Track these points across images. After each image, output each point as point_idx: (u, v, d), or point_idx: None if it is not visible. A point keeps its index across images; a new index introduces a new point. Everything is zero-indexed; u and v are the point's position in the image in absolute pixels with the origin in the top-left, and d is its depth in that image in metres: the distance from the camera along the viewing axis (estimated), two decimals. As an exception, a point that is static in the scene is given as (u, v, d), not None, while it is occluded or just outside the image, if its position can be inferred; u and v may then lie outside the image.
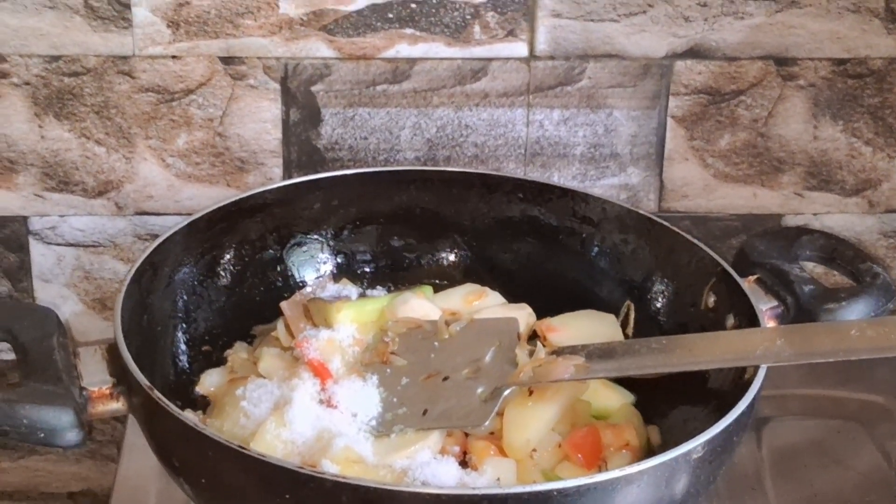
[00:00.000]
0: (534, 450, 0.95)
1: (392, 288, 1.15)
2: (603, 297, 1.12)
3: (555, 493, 0.80)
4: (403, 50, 1.23)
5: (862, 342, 0.90)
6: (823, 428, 1.21)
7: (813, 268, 1.09)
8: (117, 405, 0.91)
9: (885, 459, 1.16)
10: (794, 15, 1.24)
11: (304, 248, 1.14)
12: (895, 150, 1.30)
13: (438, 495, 0.81)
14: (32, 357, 0.91)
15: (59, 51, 1.20)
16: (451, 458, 0.93)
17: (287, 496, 0.81)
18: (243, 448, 0.83)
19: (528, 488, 0.81)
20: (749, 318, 0.99)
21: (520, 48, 1.24)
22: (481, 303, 1.10)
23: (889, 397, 1.23)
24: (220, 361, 1.06)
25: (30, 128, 1.22)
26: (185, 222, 1.06)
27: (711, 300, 1.04)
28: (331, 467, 0.88)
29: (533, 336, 1.08)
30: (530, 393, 0.98)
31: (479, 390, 0.98)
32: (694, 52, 1.25)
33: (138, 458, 1.11)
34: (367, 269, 1.16)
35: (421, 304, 1.07)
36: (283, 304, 1.09)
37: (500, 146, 1.27)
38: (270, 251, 1.13)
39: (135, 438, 1.11)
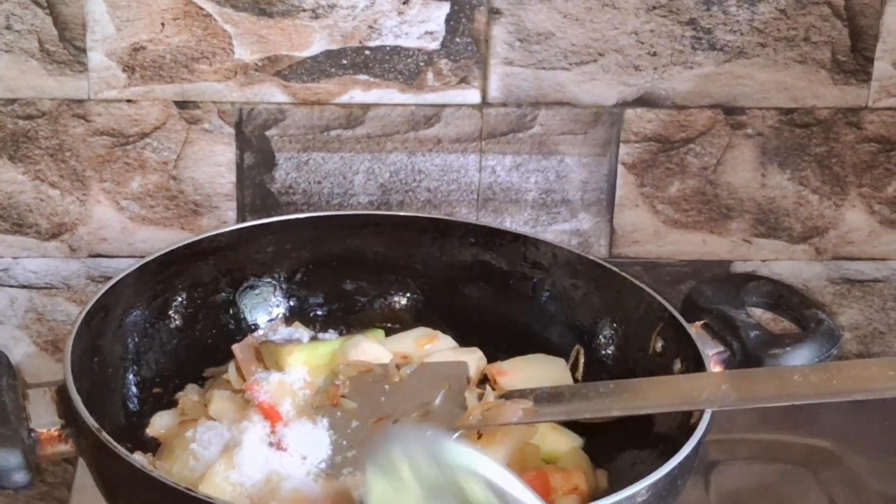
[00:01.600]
0: (482, 492, 0.96)
1: (344, 331, 1.15)
2: (553, 342, 1.12)
3: (501, 535, 0.80)
4: (357, 96, 1.24)
5: (805, 387, 0.91)
6: (771, 472, 1.21)
7: (761, 314, 1.10)
8: (66, 447, 0.91)
9: (831, 504, 1.17)
10: (742, 65, 1.25)
11: (257, 291, 1.14)
12: (841, 198, 1.31)
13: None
14: (-20, 399, 0.90)
15: (14, 94, 1.20)
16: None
17: (234, 538, 0.82)
18: (191, 490, 0.83)
19: (473, 531, 0.82)
20: (696, 363, 0.99)
21: (472, 95, 1.25)
22: (433, 346, 1.10)
23: (836, 442, 1.24)
24: (170, 404, 1.06)
25: (-16, 170, 1.23)
26: (138, 265, 1.06)
27: (659, 345, 1.05)
28: (278, 511, 0.88)
29: (484, 380, 1.08)
30: (479, 436, 0.98)
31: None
32: (644, 101, 1.26)
33: (89, 500, 1.09)
34: (320, 313, 1.16)
35: (372, 348, 1.07)
36: (235, 347, 1.09)
37: (453, 191, 1.28)
38: (223, 294, 1.13)
39: (85, 480, 1.09)
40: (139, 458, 0.93)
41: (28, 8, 1.17)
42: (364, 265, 1.17)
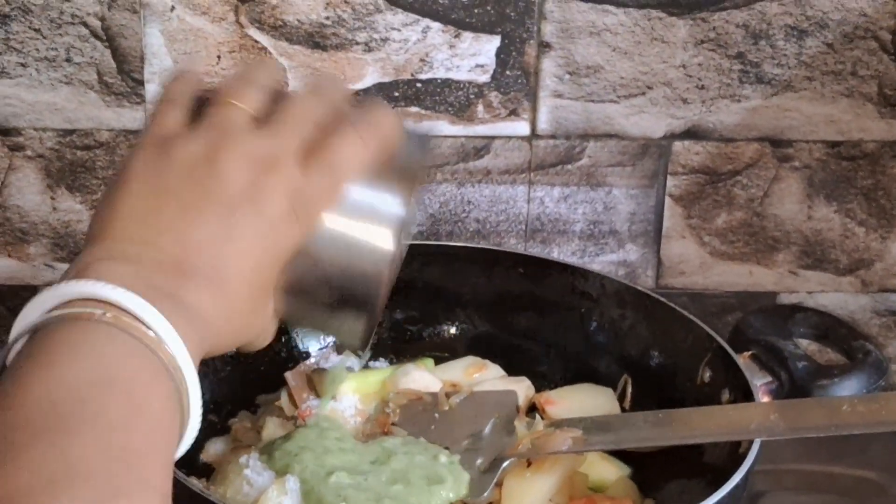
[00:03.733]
0: (532, 520, 0.96)
1: (394, 360, 1.15)
2: (601, 371, 1.13)
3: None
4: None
5: (853, 417, 0.92)
6: (817, 503, 1.21)
7: (808, 345, 1.10)
8: (124, 471, 0.93)
9: (878, 535, 1.17)
10: (790, 98, 1.26)
11: (309, 320, 1.16)
12: (888, 230, 1.31)
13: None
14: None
15: (73, 125, 1.22)
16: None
17: (288, 562, 0.82)
18: (247, 514, 0.85)
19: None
20: (744, 393, 0.99)
21: (522, 127, 1.26)
22: (482, 375, 1.11)
23: (882, 474, 1.23)
24: (224, 430, 1.07)
25: (42, 199, 1.24)
26: (193, 293, 1.08)
27: (707, 375, 1.05)
28: (331, 536, 0.89)
29: (532, 409, 1.09)
30: (529, 464, 0.99)
31: (479, 461, 0.99)
32: (691, 133, 1.27)
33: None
34: (371, 341, 1.17)
35: (422, 376, 1.08)
36: (287, 374, 1.09)
37: (502, 222, 1.29)
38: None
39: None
40: (195, 483, 0.94)
41: (88, 41, 1.20)
42: (414, 294, 1.17)
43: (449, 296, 1.18)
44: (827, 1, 1.23)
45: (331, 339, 1.16)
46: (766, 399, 1.02)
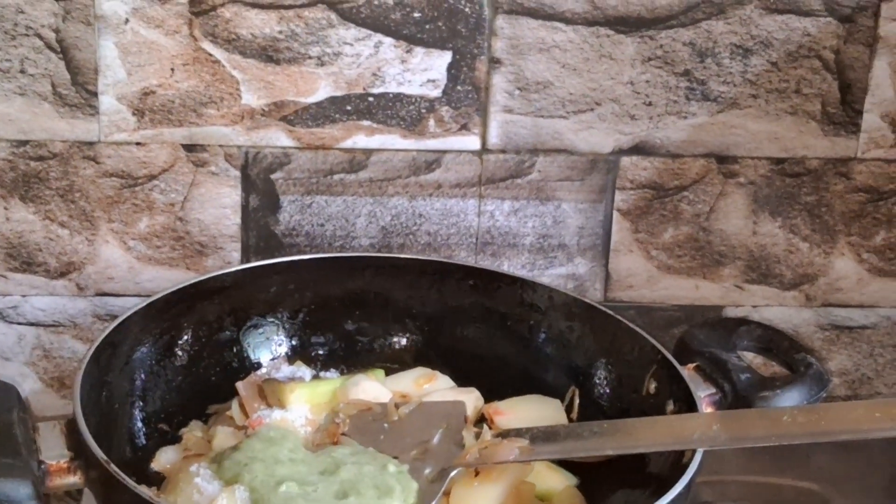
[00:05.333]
0: (478, 529, 0.97)
1: (345, 370, 1.16)
2: (549, 382, 1.14)
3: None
4: (360, 141, 1.26)
5: (794, 428, 0.93)
6: (762, 514, 1.24)
7: (752, 358, 1.11)
8: (74, 479, 0.92)
9: (820, 545, 1.19)
10: (735, 116, 1.28)
11: (261, 331, 1.16)
12: (831, 246, 1.33)
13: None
14: (-8, 430, 0.92)
15: (26, 136, 1.22)
16: (398, 535, 0.95)
17: (237, 569, 0.83)
18: (197, 521, 0.85)
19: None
20: (688, 404, 1.01)
21: (472, 141, 1.27)
22: (431, 386, 1.12)
23: (824, 485, 1.25)
24: (175, 439, 1.07)
25: (-5, 209, 1.25)
26: (145, 303, 1.08)
27: (653, 386, 1.06)
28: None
29: (480, 419, 1.09)
30: (476, 474, 1.00)
31: (427, 471, 1.00)
32: (639, 149, 1.29)
33: (92, 533, 1.12)
34: (321, 352, 1.18)
35: (372, 387, 1.09)
36: (239, 385, 1.11)
37: (453, 235, 1.30)
38: (227, 333, 1.14)
39: (89, 514, 1.12)
40: (145, 490, 0.94)
41: (42, 52, 1.20)
42: (365, 306, 1.18)
43: (399, 307, 1.19)
44: (771, 20, 1.25)
45: (282, 350, 1.17)
46: (709, 410, 1.03)
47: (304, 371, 1.14)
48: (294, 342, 1.17)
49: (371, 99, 1.25)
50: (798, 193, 1.31)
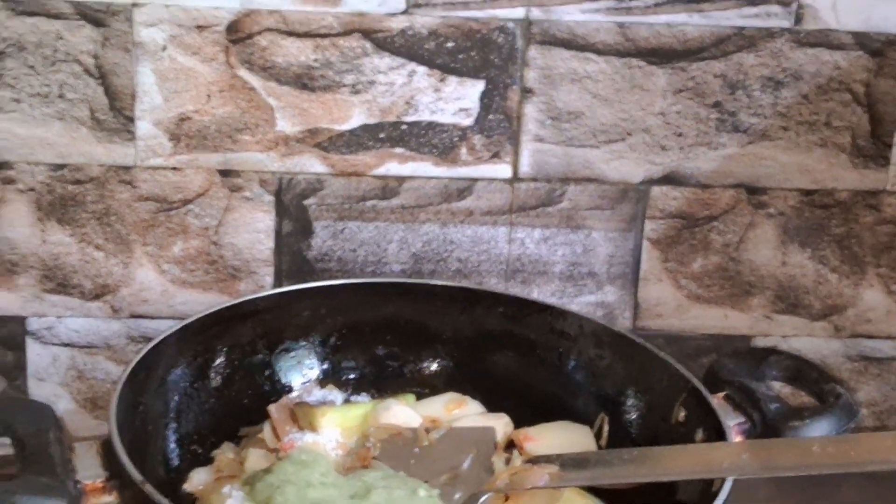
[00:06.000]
0: (508, 554, 0.97)
1: (376, 394, 1.17)
2: (578, 409, 1.14)
3: None
4: (393, 168, 1.27)
5: (823, 458, 0.93)
6: (789, 543, 1.23)
7: (780, 387, 1.11)
8: (109, 499, 0.93)
9: (848, 576, 1.18)
10: (765, 147, 1.29)
11: (293, 354, 1.16)
12: (860, 277, 1.33)
13: None
14: (30, 450, 0.92)
15: (64, 160, 1.24)
16: (428, 559, 0.96)
17: (270, 590, 0.84)
18: (230, 543, 0.86)
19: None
20: (717, 433, 1.01)
21: (504, 170, 1.28)
22: (461, 411, 1.13)
23: (852, 515, 1.26)
24: (207, 461, 1.08)
25: (32, 232, 1.26)
26: (179, 326, 1.09)
27: (682, 415, 1.06)
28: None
29: (510, 445, 1.10)
30: (506, 499, 1.00)
31: (457, 496, 1.00)
32: (669, 179, 1.29)
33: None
34: (353, 376, 1.18)
35: (403, 411, 1.10)
36: (271, 407, 1.11)
37: (483, 262, 1.31)
38: (260, 356, 1.15)
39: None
40: (179, 511, 0.96)
41: (81, 78, 1.22)
42: (396, 331, 1.19)
43: (430, 333, 1.19)
44: (802, 54, 1.26)
45: (314, 374, 1.17)
46: (738, 439, 1.03)
47: (336, 395, 1.14)
48: (325, 366, 1.18)
49: (404, 127, 1.26)
50: (827, 225, 1.32)
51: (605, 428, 1.12)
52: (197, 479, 1.06)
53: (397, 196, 1.28)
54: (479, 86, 1.25)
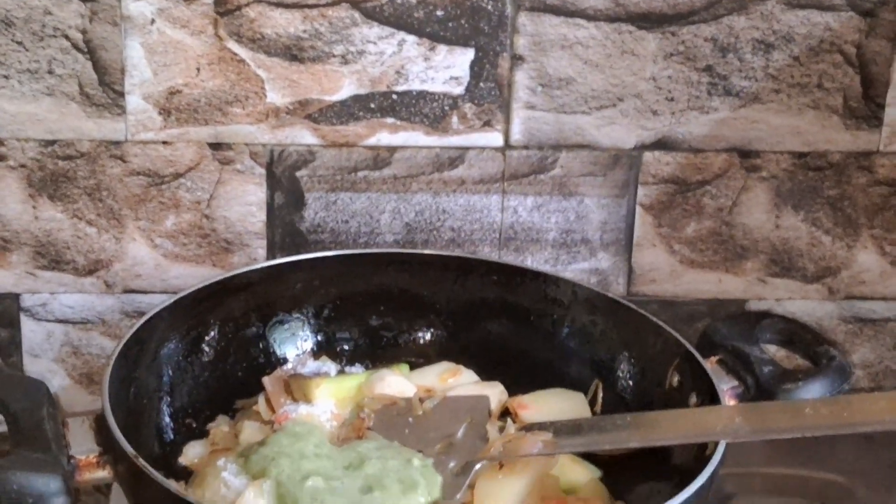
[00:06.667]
0: (503, 521, 0.97)
1: (370, 365, 1.17)
2: (572, 376, 1.14)
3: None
4: (384, 138, 1.27)
5: (816, 420, 0.93)
6: (785, 506, 1.24)
7: (775, 351, 1.12)
8: (103, 473, 0.94)
9: (844, 537, 1.18)
10: (757, 110, 1.28)
11: (286, 326, 1.17)
12: (853, 239, 1.33)
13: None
14: (23, 426, 0.93)
15: (54, 135, 1.24)
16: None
17: (264, 560, 0.84)
18: (225, 514, 0.86)
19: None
20: (711, 397, 1.01)
21: (495, 138, 1.28)
22: (455, 380, 1.13)
23: (849, 477, 1.24)
24: (202, 434, 1.09)
25: (24, 208, 1.26)
26: (172, 300, 1.09)
27: (676, 379, 1.07)
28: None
29: (504, 413, 1.10)
30: (501, 467, 1.00)
31: (451, 465, 1.01)
32: (661, 144, 1.29)
33: (121, 530, 1.13)
34: (346, 347, 1.18)
35: (397, 381, 1.10)
36: (265, 380, 1.12)
37: (476, 231, 1.31)
38: (253, 328, 1.15)
39: (118, 510, 1.13)
40: (174, 484, 0.95)
41: (69, 53, 1.21)
42: (389, 302, 1.19)
43: (424, 303, 1.20)
44: (793, 15, 1.25)
45: (308, 345, 1.18)
46: (732, 402, 1.03)
47: (330, 366, 1.15)
48: (319, 338, 1.18)
49: (395, 96, 1.26)
50: (820, 187, 1.32)
51: (600, 394, 1.13)
52: (192, 453, 1.07)
53: (389, 166, 1.28)
54: (468, 54, 1.25)
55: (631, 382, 1.12)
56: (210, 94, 1.24)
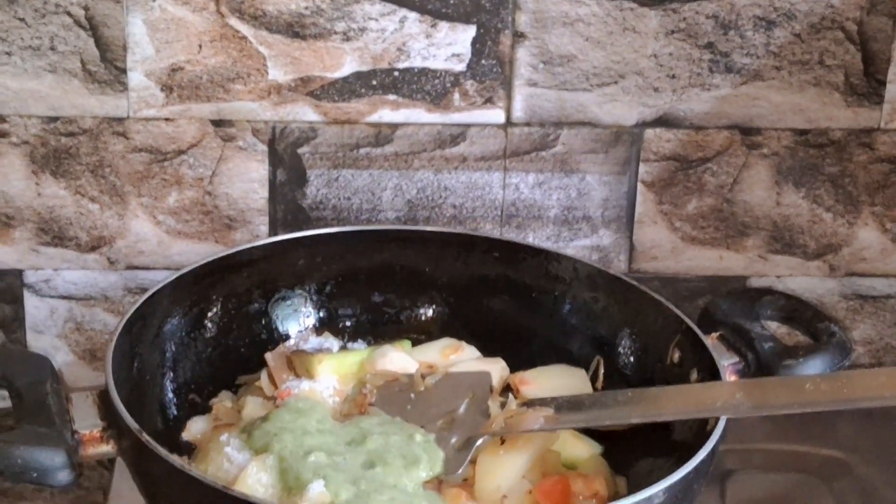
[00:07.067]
0: (504, 496, 0.98)
1: (372, 341, 1.17)
2: (574, 352, 1.15)
3: (521, 534, 0.84)
4: (386, 115, 1.27)
5: (816, 395, 0.94)
6: (785, 482, 1.23)
7: (775, 327, 1.12)
8: (107, 448, 0.94)
9: (843, 513, 1.19)
10: (758, 87, 1.28)
11: (289, 303, 1.17)
12: (854, 216, 1.34)
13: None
14: (27, 401, 0.93)
15: (56, 112, 1.24)
16: (425, 503, 0.96)
17: (268, 534, 0.84)
18: (227, 488, 0.86)
19: (496, 529, 0.85)
20: (711, 373, 1.01)
21: (497, 115, 1.28)
22: (457, 356, 1.13)
23: (848, 453, 1.25)
24: (205, 409, 1.09)
25: (27, 185, 1.26)
26: (174, 276, 1.09)
27: (676, 356, 1.07)
28: (309, 510, 0.91)
29: (506, 389, 1.11)
30: (502, 442, 1.01)
31: (453, 440, 1.01)
32: (663, 121, 1.29)
33: (125, 504, 1.13)
34: (349, 323, 1.19)
35: (399, 358, 1.10)
36: (267, 356, 1.12)
37: (478, 208, 1.31)
38: (256, 305, 1.15)
39: (121, 485, 1.13)
40: (177, 460, 0.96)
41: (71, 30, 1.21)
42: (391, 278, 1.20)
43: (426, 279, 1.20)
44: (794, -8, 1.26)
45: (310, 322, 1.18)
46: (732, 378, 1.03)
47: (332, 342, 1.15)
48: (322, 314, 1.18)
49: (396, 73, 1.26)
50: (821, 164, 1.32)
51: (601, 370, 1.13)
52: (195, 428, 1.07)
53: (391, 143, 1.28)
54: (470, 31, 1.25)
55: (632, 359, 1.12)
56: (212, 70, 1.24)
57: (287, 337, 1.16)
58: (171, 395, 1.09)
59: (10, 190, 1.26)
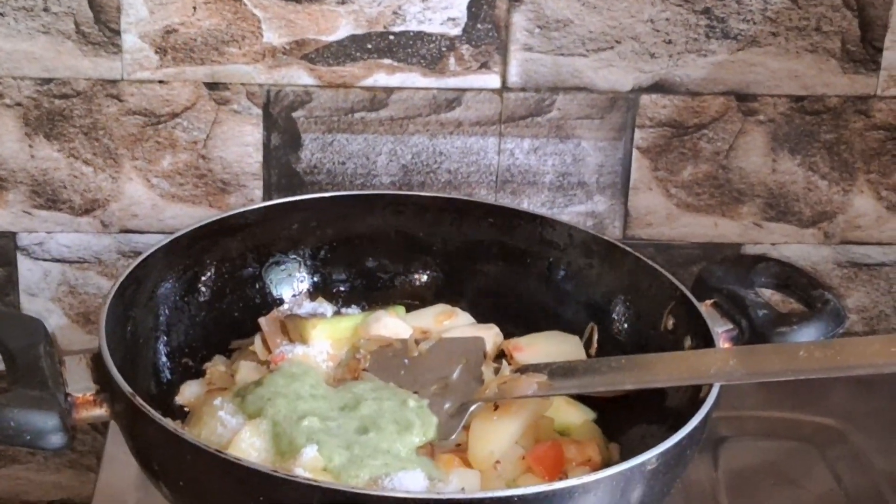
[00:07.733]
0: (497, 462, 0.98)
1: (366, 307, 1.17)
2: (568, 319, 1.14)
3: (515, 499, 0.83)
4: (381, 79, 1.27)
5: (809, 363, 0.94)
6: (778, 449, 1.24)
7: (770, 295, 1.12)
8: (100, 411, 0.94)
9: (836, 480, 1.19)
10: (755, 53, 1.28)
11: (283, 267, 1.17)
12: (850, 184, 1.34)
13: (406, 499, 0.84)
14: (20, 364, 0.93)
15: (50, 74, 1.23)
16: (418, 468, 0.96)
17: (261, 498, 0.84)
18: (220, 452, 0.86)
19: (489, 494, 0.85)
20: (705, 340, 1.01)
21: (493, 80, 1.28)
22: (451, 322, 1.13)
23: (841, 420, 1.25)
24: (199, 374, 1.09)
25: (20, 147, 1.26)
26: (168, 240, 1.09)
27: (670, 322, 1.07)
28: (303, 474, 0.91)
29: (500, 355, 1.11)
30: (495, 408, 1.01)
31: (447, 405, 1.01)
32: (659, 87, 1.29)
33: (118, 468, 1.13)
34: (343, 288, 1.18)
35: (393, 323, 1.10)
36: (261, 320, 1.12)
37: (473, 173, 1.31)
38: (250, 269, 1.15)
39: (114, 449, 1.13)
40: (170, 423, 0.96)
41: (65, -9, 1.21)
42: (386, 243, 1.19)
43: (420, 245, 1.19)
44: (792, -42, 1.25)
45: (304, 286, 1.18)
46: (726, 345, 1.03)
47: (326, 307, 1.15)
48: (316, 279, 1.18)
49: (392, 37, 1.25)
50: (817, 131, 1.31)
51: (595, 337, 1.13)
52: (188, 392, 1.07)
53: (385, 108, 1.27)
54: (466, -5, 1.25)
55: (626, 325, 1.12)
56: (206, 33, 1.23)
57: (281, 301, 1.16)
58: (164, 358, 1.09)
59: (3, 152, 1.26)
